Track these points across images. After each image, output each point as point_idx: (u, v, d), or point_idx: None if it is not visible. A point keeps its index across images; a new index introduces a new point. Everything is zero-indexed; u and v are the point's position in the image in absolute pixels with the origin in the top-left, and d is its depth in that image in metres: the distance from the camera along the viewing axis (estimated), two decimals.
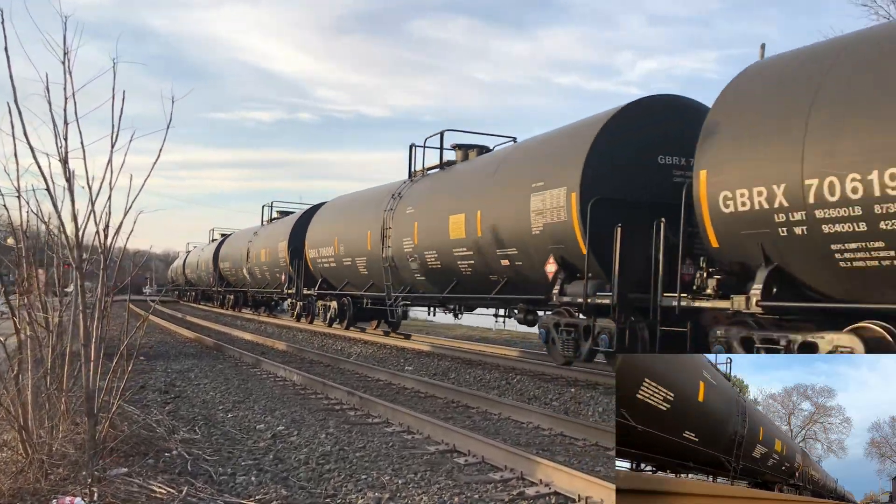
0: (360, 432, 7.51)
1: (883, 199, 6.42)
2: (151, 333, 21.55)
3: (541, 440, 7.41)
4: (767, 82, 8.49)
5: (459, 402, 9.49)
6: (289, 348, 16.67)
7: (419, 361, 14.35)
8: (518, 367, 12.76)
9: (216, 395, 10.02)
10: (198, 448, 6.66)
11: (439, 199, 15.03)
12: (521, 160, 12.80)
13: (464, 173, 15.00)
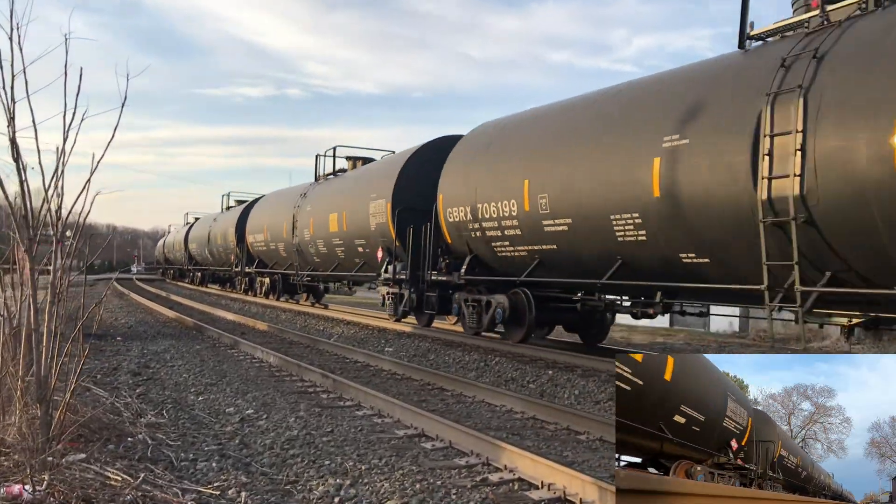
0: (329, 416, 7.42)
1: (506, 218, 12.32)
2: (133, 313, 21.43)
3: (512, 424, 7.34)
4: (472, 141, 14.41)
5: (435, 385, 9.42)
6: (270, 329, 16.58)
7: (400, 342, 14.27)
8: (498, 349, 12.69)
9: (189, 377, 9.91)
10: (163, 433, 6.56)
11: (325, 201, 20.68)
12: (365, 178, 18.62)
13: (340, 183, 20.73)
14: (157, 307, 22.91)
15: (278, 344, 13.94)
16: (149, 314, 21.39)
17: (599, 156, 10.32)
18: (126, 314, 20.87)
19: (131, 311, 22.04)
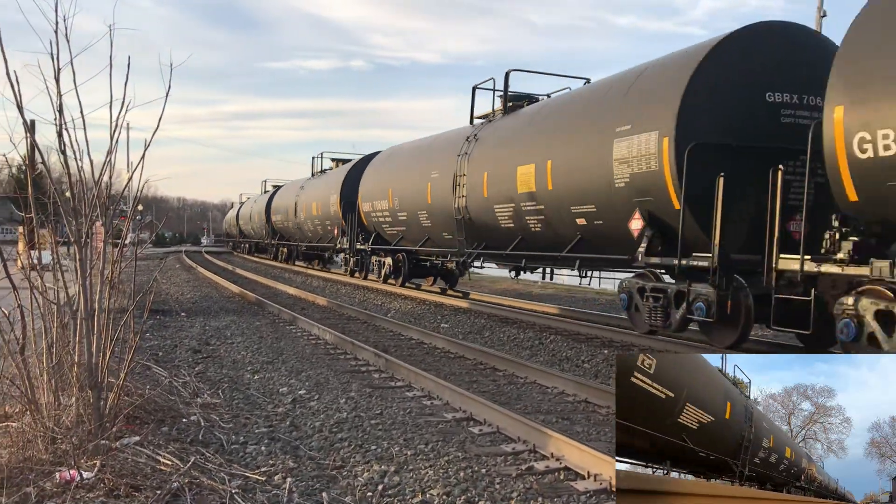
0: (380, 397, 7.46)
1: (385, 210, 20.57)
2: (198, 287, 21.97)
3: (563, 407, 7.25)
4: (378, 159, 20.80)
5: (487, 364, 9.38)
6: (329, 304, 16.78)
7: (455, 319, 14.27)
8: (554, 326, 12.58)
9: (247, 354, 10.10)
10: (216, 414, 6.70)
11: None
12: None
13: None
14: (223, 282, 23.44)
15: (335, 320, 14.09)
16: (214, 289, 21.90)
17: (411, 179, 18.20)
18: (192, 289, 21.42)
19: (197, 286, 22.61)
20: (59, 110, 4.91)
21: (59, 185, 5.81)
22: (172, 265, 36.12)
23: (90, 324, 5.04)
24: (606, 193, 10.28)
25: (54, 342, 5.21)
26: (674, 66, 9.62)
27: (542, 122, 12.93)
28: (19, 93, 4.87)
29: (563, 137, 11.71)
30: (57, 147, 4.93)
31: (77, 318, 5.47)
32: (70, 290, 5.87)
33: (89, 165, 5.58)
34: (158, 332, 12.13)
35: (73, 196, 5.08)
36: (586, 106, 11.57)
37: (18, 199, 6.70)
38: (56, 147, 5.27)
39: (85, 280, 4.99)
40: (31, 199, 5.78)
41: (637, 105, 9.87)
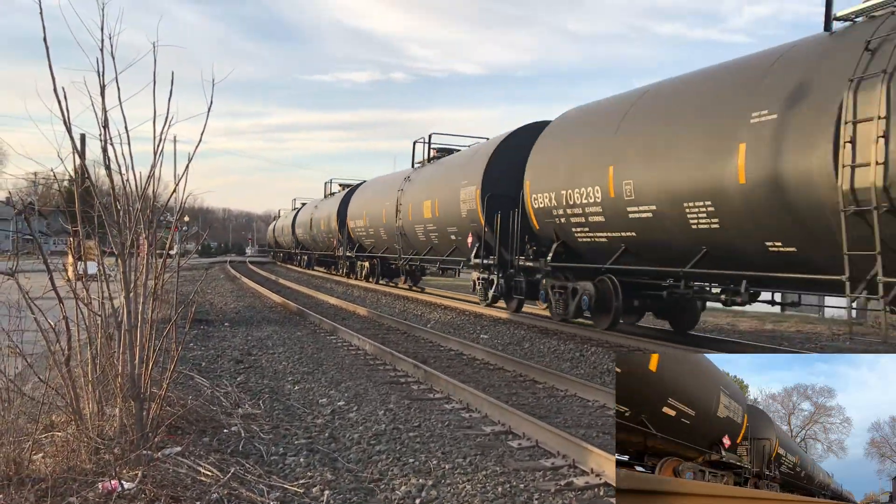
0: (419, 409, 7.45)
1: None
2: (242, 297, 22.26)
3: (604, 421, 7.15)
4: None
5: (527, 377, 9.31)
6: (369, 314, 16.85)
7: (495, 329, 14.22)
8: (594, 338, 12.44)
9: (288, 364, 10.18)
10: (257, 424, 6.74)
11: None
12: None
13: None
14: (266, 291, 23.71)
15: (375, 330, 14.14)
16: (257, 298, 22.17)
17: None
18: (235, 299, 21.70)
19: (241, 296, 22.91)
20: (104, 126, 5.02)
21: (105, 199, 5.94)
22: (217, 275, 36.67)
23: (133, 335, 5.11)
24: (457, 221, 18.28)
25: (99, 353, 5.30)
26: (483, 150, 17.85)
27: (437, 172, 20.87)
28: (67, 109, 4.99)
29: (440, 185, 19.77)
30: (102, 162, 5.03)
31: (121, 329, 5.57)
32: (115, 302, 5.98)
33: (134, 179, 5.69)
34: (202, 342, 12.30)
35: (116, 210, 5.17)
36: (448, 168, 20.08)
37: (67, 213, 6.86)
38: (101, 161, 5.39)
39: (129, 292, 5.07)
40: (78, 212, 5.92)
41: (468, 171, 17.75)
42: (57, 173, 5.74)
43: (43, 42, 4.65)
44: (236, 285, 28.95)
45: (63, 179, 7.48)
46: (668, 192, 10.35)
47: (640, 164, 10.96)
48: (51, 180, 6.17)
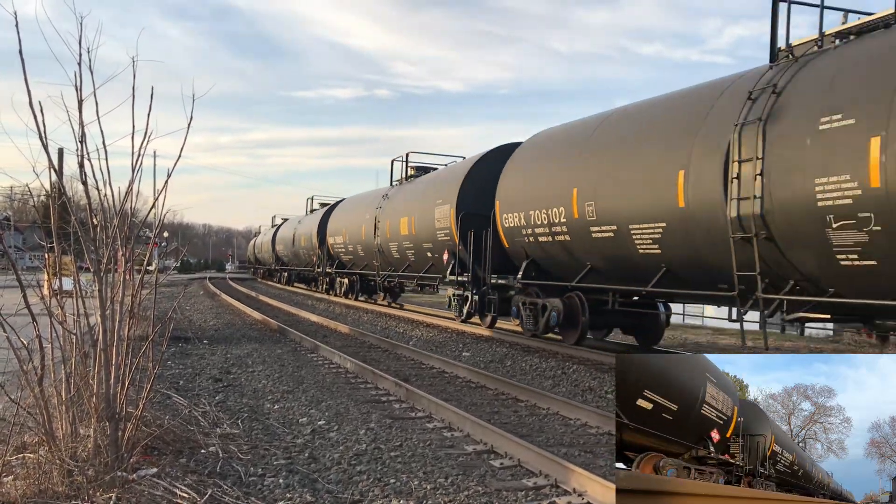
0: (400, 428, 7.36)
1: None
2: (221, 315, 22.04)
3: (586, 440, 7.11)
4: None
5: (509, 395, 9.26)
6: (351, 332, 16.74)
7: (477, 347, 14.16)
8: (576, 356, 12.42)
9: (268, 383, 10.05)
10: (235, 444, 6.63)
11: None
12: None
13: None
14: (246, 308, 23.51)
15: (357, 348, 14.04)
16: (237, 316, 21.96)
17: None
18: (215, 316, 21.49)
19: (220, 313, 22.69)
20: (81, 140, 4.94)
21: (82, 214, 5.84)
22: (196, 292, 36.34)
23: (109, 354, 5.01)
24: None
25: (73, 372, 5.19)
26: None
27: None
28: (43, 123, 4.91)
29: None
30: (79, 177, 4.95)
31: (97, 347, 5.47)
32: (91, 319, 5.87)
33: (111, 195, 5.61)
34: (180, 360, 12.14)
35: (92, 227, 5.09)
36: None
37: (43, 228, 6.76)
38: (78, 177, 5.31)
39: (104, 311, 4.97)
40: (54, 228, 5.82)
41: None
42: (32, 188, 5.65)
43: (19, 55, 4.57)
44: (216, 302, 28.69)
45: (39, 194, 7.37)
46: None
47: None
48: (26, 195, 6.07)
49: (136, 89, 5.21)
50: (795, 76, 8.26)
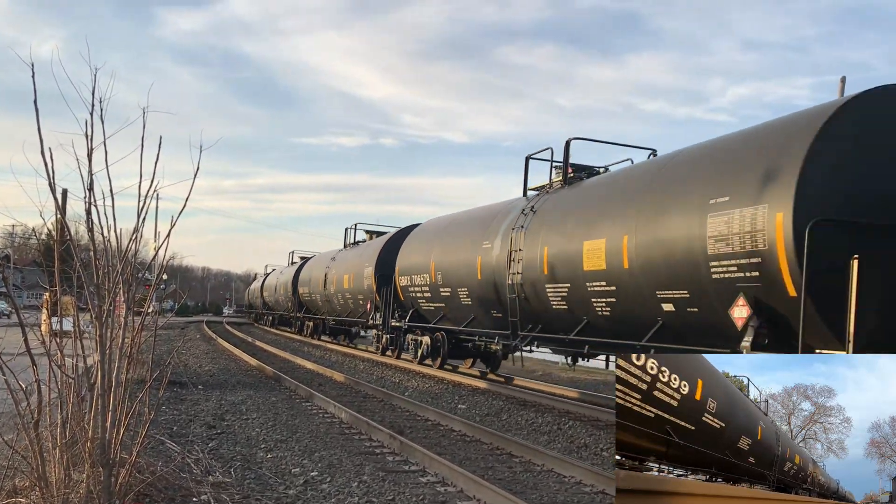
0: (393, 481, 7.32)
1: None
2: (217, 359, 21.96)
3: (580, 499, 7.06)
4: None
5: (504, 450, 9.20)
6: (346, 380, 16.66)
7: (473, 399, 14.10)
8: (573, 411, 12.37)
9: (262, 431, 10.00)
10: (227, 494, 6.59)
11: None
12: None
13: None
14: (241, 354, 23.43)
15: (352, 397, 13.98)
16: (232, 361, 21.88)
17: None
18: (210, 360, 21.41)
19: (216, 358, 22.61)
20: (89, 188, 5.03)
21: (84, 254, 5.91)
22: (193, 335, 36.22)
23: (106, 399, 5.03)
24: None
25: (69, 417, 5.19)
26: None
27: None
28: (53, 169, 5.01)
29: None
30: (85, 222, 5.02)
31: (94, 392, 5.47)
32: (89, 360, 5.89)
33: (115, 240, 5.68)
34: (175, 405, 12.08)
35: (96, 271, 5.15)
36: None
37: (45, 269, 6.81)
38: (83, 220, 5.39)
39: (104, 356, 5.00)
40: (57, 271, 5.87)
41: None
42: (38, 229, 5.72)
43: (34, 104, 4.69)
44: (211, 346, 28.58)
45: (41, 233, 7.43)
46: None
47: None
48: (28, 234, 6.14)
49: (144, 139, 5.32)
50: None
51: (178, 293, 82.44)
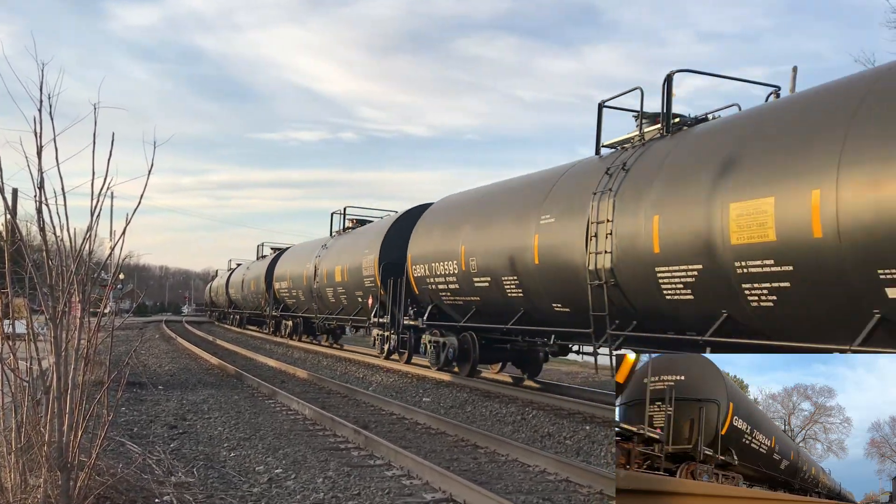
0: (359, 476, 7.30)
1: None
2: (177, 359, 21.67)
3: (544, 487, 7.13)
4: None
5: (469, 441, 9.25)
6: (310, 377, 16.57)
7: (438, 392, 14.13)
8: (536, 401, 12.47)
9: (224, 430, 9.90)
10: (190, 494, 6.52)
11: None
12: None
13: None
14: (202, 353, 23.14)
15: (316, 393, 13.91)
16: (193, 360, 21.60)
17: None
18: (171, 360, 21.12)
19: (176, 357, 22.30)
20: (39, 187, 4.92)
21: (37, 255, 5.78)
22: (152, 335, 35.66)
23: (63, 402, 4.93)
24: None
25: (24, 422, 5.09)
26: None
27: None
28: (0, 168, 4.89)
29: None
30: (36, 222, 4.91)
31: (49, 395, 5.37)
32: (44, 363, 5.77)
33: (68, 240, 5.56)
34: (135, 406, 11.90)
35: (49, 272, 5.04)
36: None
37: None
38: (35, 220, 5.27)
39: (59, 357, 4.91)
40: (8, 272, 5.74)
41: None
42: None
43: None
44: (171, 346, 28.18)
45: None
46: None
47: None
48: None
49: (97, 135, 5.21)
50: None
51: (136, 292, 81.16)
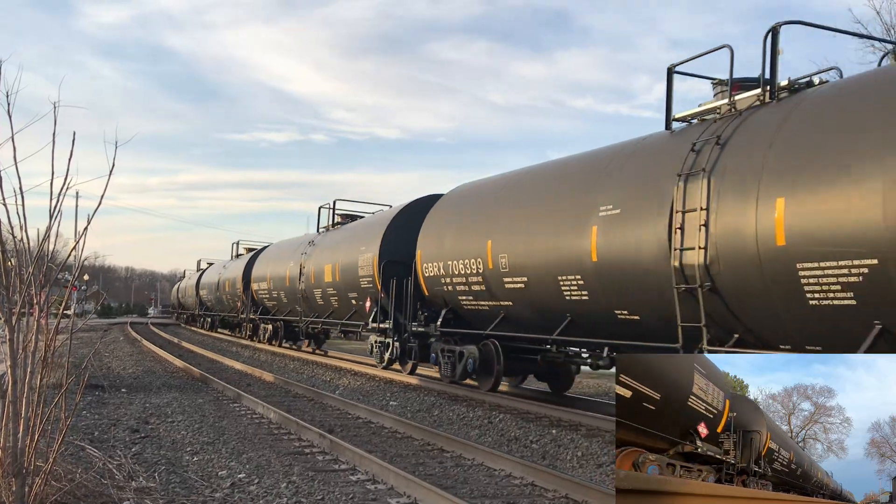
0: (322, 481, 7.25)
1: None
2: (141, 362, 21.37)
3: (509, 491, 7.13)
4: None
5: (435, 445, 9.23)
6: (276, 380, 16.42)
7: (405, 396, 14.09)
8: (503, 405, 12.49)
9: (188, 434, 9.78)
10: (151, 499, 6.43)
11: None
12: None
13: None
14: (167, 355, 22.84)
15: (282, 397, 13.80)
16: (158, 363, 21.32)
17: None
18: (135, 363, 20.82)
19: (140, 360, 21.99)
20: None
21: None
22: (116, 337, 35.16)
23: (18, 406, 4.83)
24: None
25: None
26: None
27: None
28: None
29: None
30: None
31: (5, 399, 5.25)
32: (1, 366, 5.65)
33: (27, 239, 5.46)
34: (96, 409, 11.70)
35: (5, 273, 4.94)
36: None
37: None
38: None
39: (14, 360, 4.81)
40: None
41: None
42: None
43: None
44: (136, 348, 27.79)
45: None
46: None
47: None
48: None
49: (57, 134, 5.13)
50: None
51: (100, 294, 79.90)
